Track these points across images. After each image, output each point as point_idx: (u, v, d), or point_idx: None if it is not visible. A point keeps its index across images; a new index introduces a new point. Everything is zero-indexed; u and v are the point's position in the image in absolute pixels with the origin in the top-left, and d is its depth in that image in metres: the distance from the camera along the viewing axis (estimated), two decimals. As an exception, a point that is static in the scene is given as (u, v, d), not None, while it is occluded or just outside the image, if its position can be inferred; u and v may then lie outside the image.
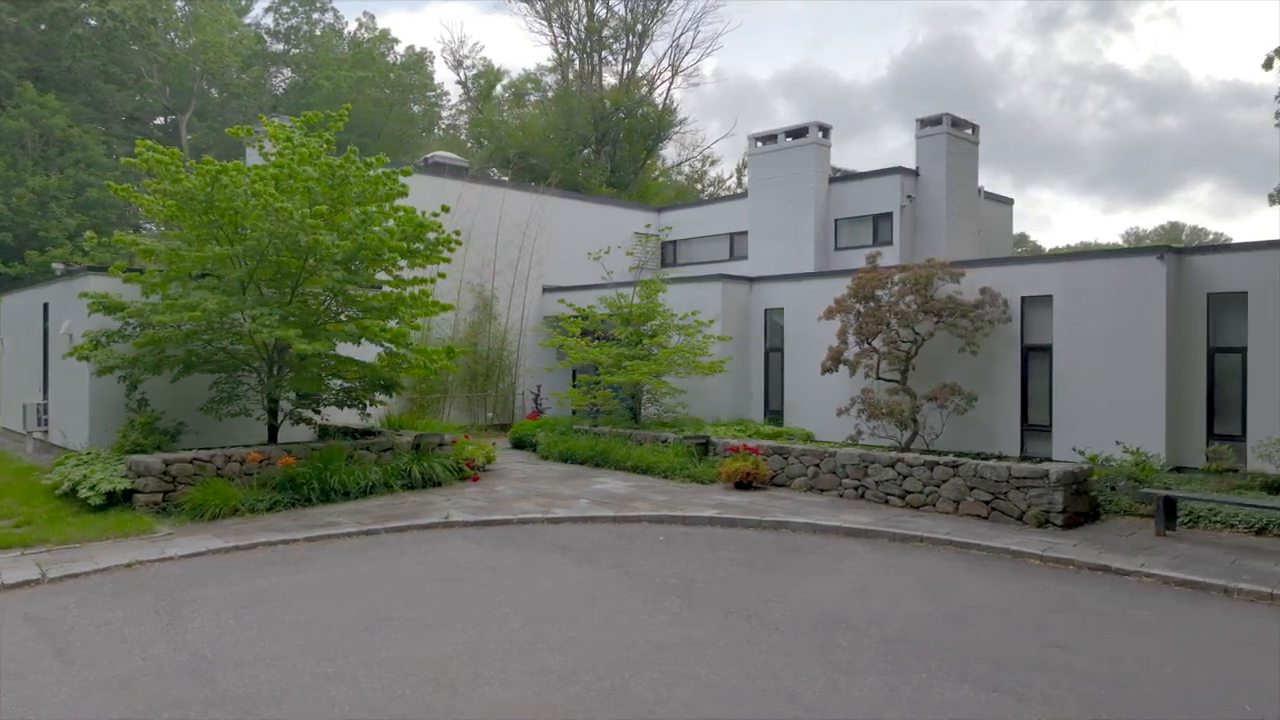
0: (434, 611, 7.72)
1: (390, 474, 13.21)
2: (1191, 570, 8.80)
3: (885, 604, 8.04)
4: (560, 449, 16.56)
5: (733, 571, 9.19)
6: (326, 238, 12.32)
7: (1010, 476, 11.21)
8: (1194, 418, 13.67)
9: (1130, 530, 10.77)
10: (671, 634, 7.20)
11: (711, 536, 10.77)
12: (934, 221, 20.70)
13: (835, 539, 10.65)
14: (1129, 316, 13.77)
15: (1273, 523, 10.36)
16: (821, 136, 22.04)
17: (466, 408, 21.43)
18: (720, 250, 24.65)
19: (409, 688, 6.00)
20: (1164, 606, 8.04)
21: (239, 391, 13.66)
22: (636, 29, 48.28)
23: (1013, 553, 9.76)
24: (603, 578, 8.92)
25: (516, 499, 12.65)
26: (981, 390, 15.28)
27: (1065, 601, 8.17)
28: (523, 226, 21.82)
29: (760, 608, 7.90)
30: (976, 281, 15.25)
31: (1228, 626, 7.47)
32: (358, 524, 10.89)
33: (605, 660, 6.54)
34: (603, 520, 11.42)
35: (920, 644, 6.96)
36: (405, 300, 13.72)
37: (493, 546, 10.17)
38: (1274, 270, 13.03)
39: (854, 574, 9.10)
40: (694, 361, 16.75)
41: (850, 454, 12.95)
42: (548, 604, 7.99)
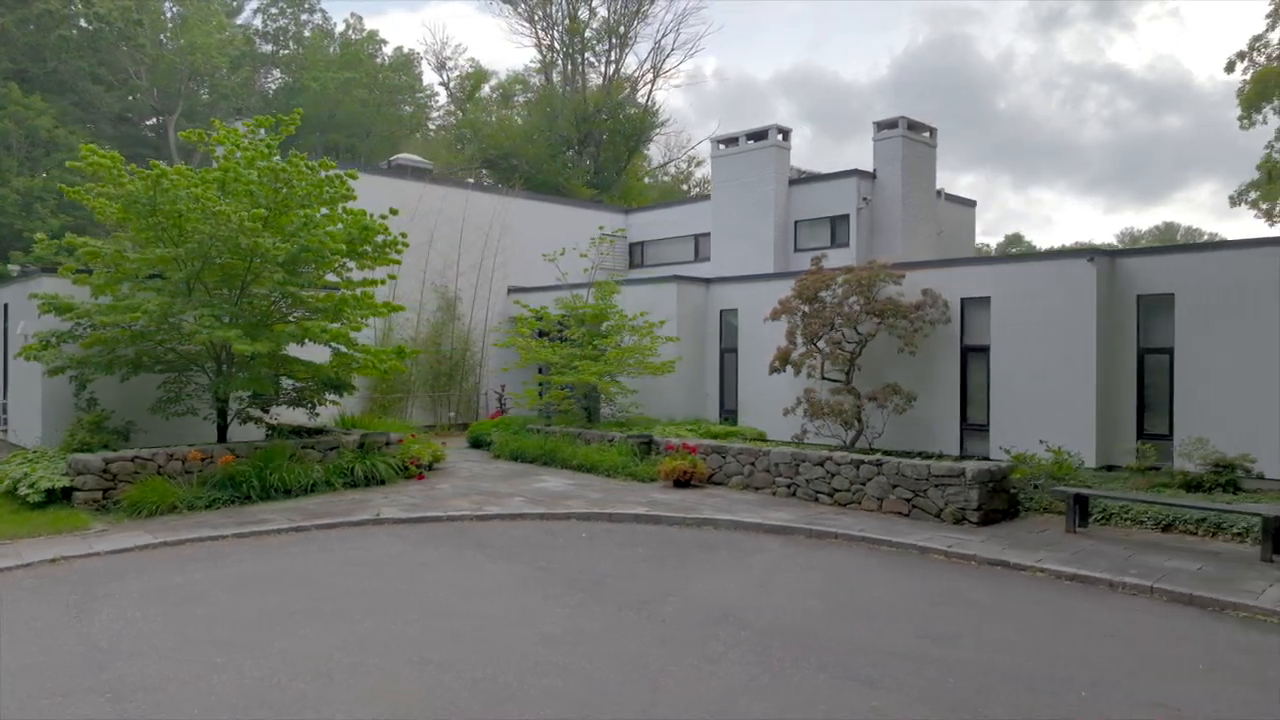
0: (339, 605, 7.96)
1: (332, 472, 13.45)
2: (1085, 565, 9.05)
3: (779, 598, 8.29)
4: (512, 448, 16.81)
5: (643, 567, 9.44)
6: (267, 240, 12.54)
7: (930, 475, 11.46)
8: (1125, 417, 13.93)
9: (1043, 527, 11.02)
10: (563, 627, 7.44)
11: (634, 533, 11.02)
12: (890, 223, 20.95)
13: (754, 535, 10.90)
14: (1062, 318, 14.02)
15: (1178, 519, 10.61)
16: (781, 139, 22.28)
17: (430, 407, 21.67)
18: (686, 251, 24.91)
19: (289, 677, 6.24)
20: (1048, 600, 8.29)
21: (186, 391, 13.90)
22: (619, 31, 48.53)
23: (920, 549, 10.01)
24: (515, 573, 9.16)
25: (454, 497, 12.88)
26: (923, 390, 15.54)
27: (954, 595, 8.42)
28: (486, 228, 22.07)
29: (657, 602, 8.14)
30: (919, 283, 15.50)
31: (1101, 618, 7.71)
32: (289, 521, 11.13)
33: (487, 652, 6.78)
34: (531, 518, 11.66)
35: (798, 636, 7.20)
36: (348, 301, 13.95)
37: (417, 543, 10.42)
38: (1198, 273, 13.28)
39: (760, 569, 9.35)
40: (644, 362, 17.00)
41: (783, 453, 13.20)
42: (453, 599, 8.23)
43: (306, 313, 14.47)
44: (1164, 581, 8.44)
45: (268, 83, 64.65)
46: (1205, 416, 13.06)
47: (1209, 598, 8.02)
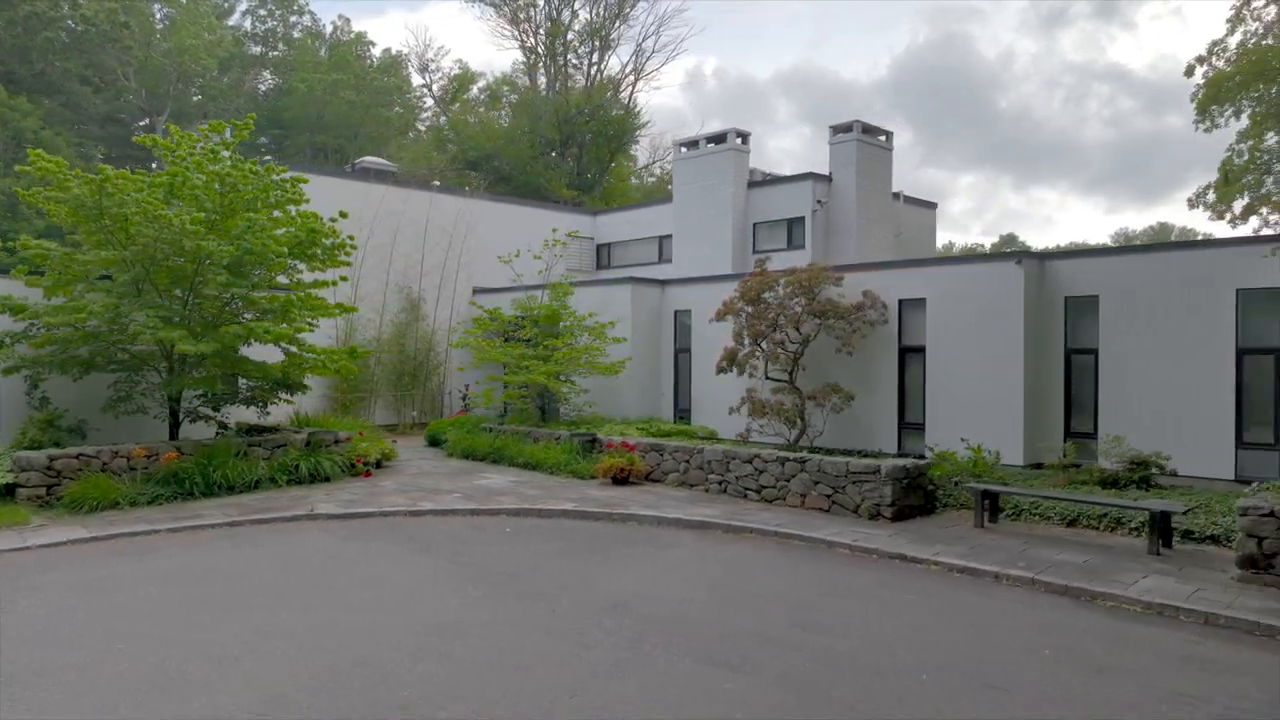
0: (252, 596, 8.29)
1: (277, 469, 13.78)
2: (977, 559, 9.40)
3: (674, 589, 8.63)
4: (464, 446, 17.14)
5: (556, 561, 9.77)
6: (211, 243, 12.87)
7: (848, 472, 11.81)
8: (1053, 416, 14.28)
9: (955, 523, 11.37)
10: (458, 616, 7.78)
11: (559, 529, 11.36)
12: (846, 225, 21.30)
13: (673, 530, 11.24)
14: (992, 319, 14.37)
15: (1083, 515, 10.96)
16: (740, 143, 22.62)
17: (394, 407, 22.00)
18: (650, 253, 25.25)
19: (183, 662, 6.57)
20: (932, 591, 8.63)
21: (137, 391, 14.23)
22: (602, 33, 48.85)
23: (827, 543, 10.36)
24: (431, 566, 9.50)
25: (394, 494, 13.22)
26: (863, 389, 15.88)
27: (843, 587, 8.76)
28: (449, 230, 22.39)
29: (557, 593, 8.48)
30: (860, 284, 15.85)
31: (975, 609, 8.06)
32: (225, 516, 11.46)
33: (378, 639, 7.11)
34: (463, 514, 12.00)
35: (677, 625, 7.54)
36: (294, 303, 14.27)
37: (345, 538, 10.76)
38: (1120, 275, 13.64)
39: (666, 563, 9.69)
40: (593, 362, 17.33)
41: (715, 450, 13.54)
42: (362, 590, 8.57)
43: (257, 314, 14.82)
44: (1046, 574, 8.79)
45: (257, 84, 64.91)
46: (1127, 416, 13.42)
47: (1083, 588, 8.37)
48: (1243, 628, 7.42)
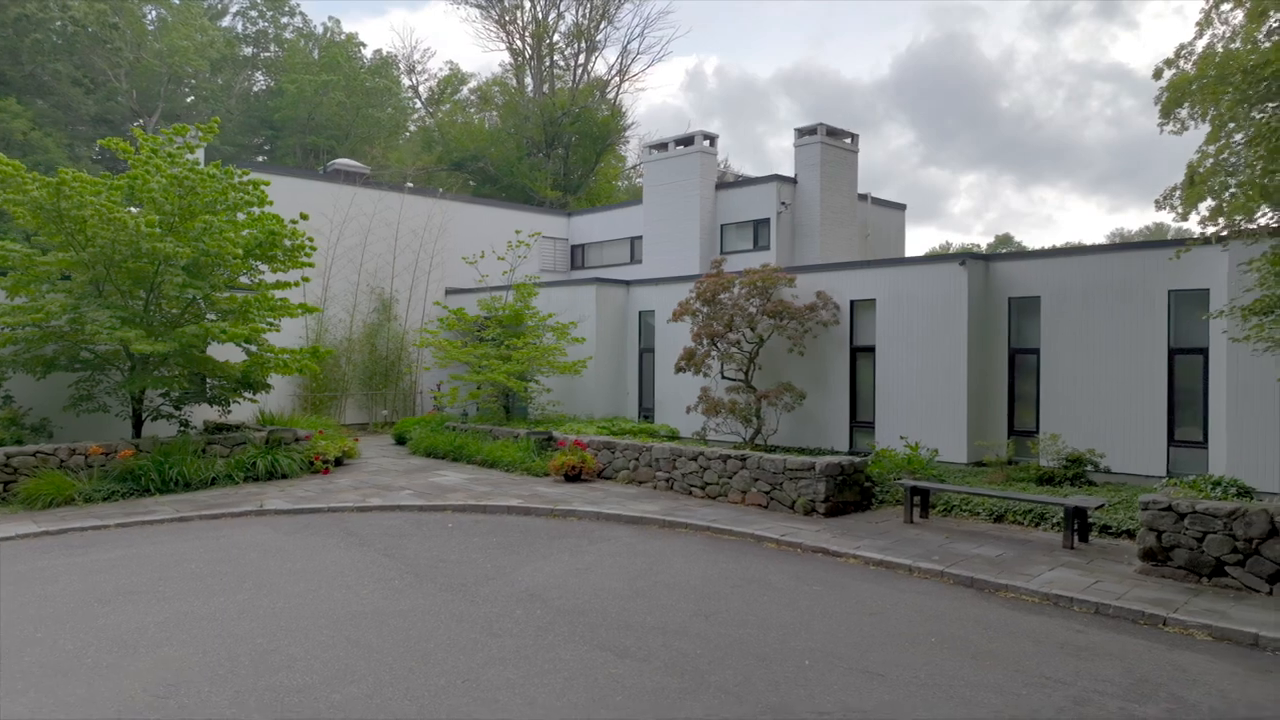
0: (180, 587, 8.55)
1: (234, 467, 14.06)
2: (895, 553, 9.66)
3: (592, 581, 8.90)
4: (426, 444, 17.41)
5: (488, 555, 10.04)
6: (169, 245, 13.14)
7: (785, 469, 12.07)
8: (997, 414, 14.54)
9: (886, 519, 11.64)
10: (377, 606, 8.05)
11: (500, 524, 11.63)
12: (811, 226, 21.56)
13: (610, 526, 11.51)
14: (938, 319, 14.64)
15: (1010, 510, 11.23)
16: (708, 145, 22.90)
17: (366, 405, 22.27)
18: (622, 254, 25.52)
19: (96, 648, 6.83)
20: (844, 584, 8.90)
21: (97, 390, 14.50)
22: (589, 35, 49.11)
23: (756, 538, 10.62)
24: (363, 560, 9.76)
25: (346, 490, 13.48)
26: (817, 388, 16.15)
27: (758, 579, 9.03)
28: (421, 231, 22.66)
29: (479, 585, 8.75)
30: (814, 286, 16.13)
31: (879, 599, 8.32)
32: (176, 512, 11.74)
33: (293, 627, 7.38)
34: (410, 510, 12.27)
35: (585, 614, 7.81)
36: (252, 303, 14.54)
37: (288, 532, 11.02)
38: (1060, 276, 13.90)
39: (593, 556, 9.96)
40: (553, 361, 17.59)
41: (663, 448, 13.81)
42: (290, 581, 8.83)
43: (220, 314, 15.11)
44: (956, 567, 9.06)
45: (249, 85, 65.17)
46: (1067, 414, 13.68)
47: (987, 580, 8.64)
48: (1129, 617, 7.68)
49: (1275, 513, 8.10)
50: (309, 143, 59.78)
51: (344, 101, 59.63)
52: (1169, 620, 7.49)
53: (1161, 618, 7.54)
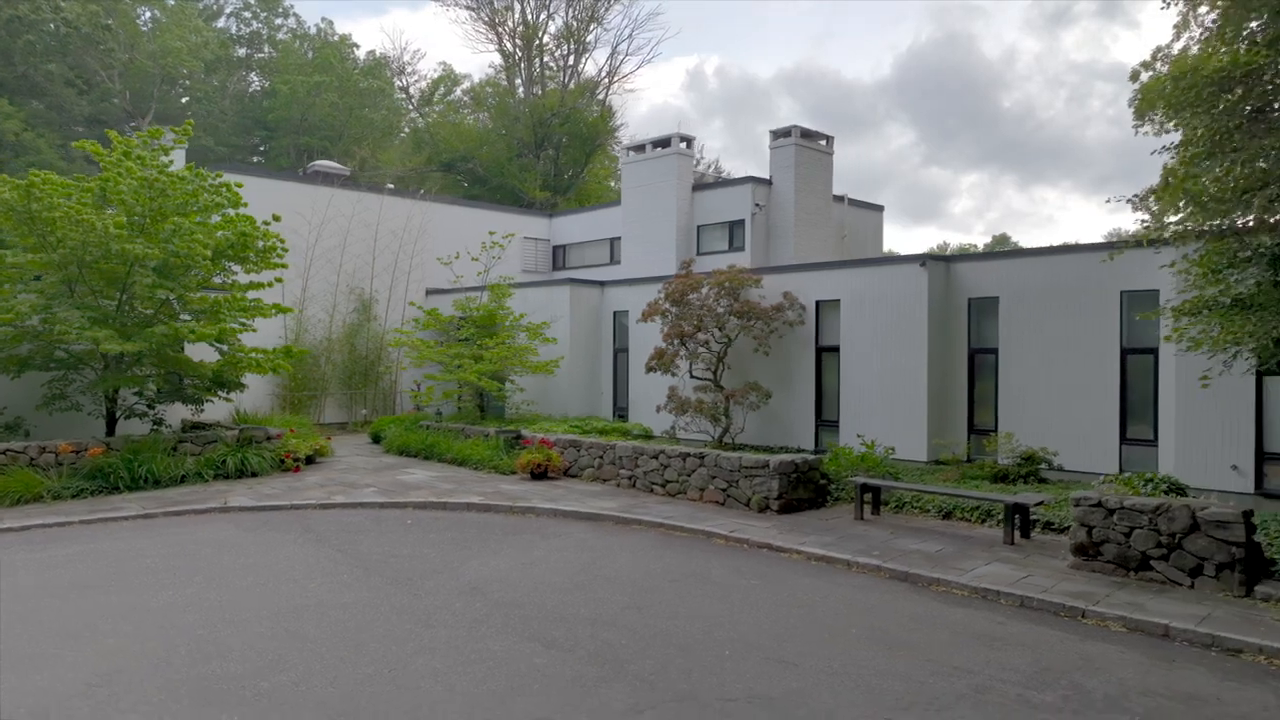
0: (133, 581, 8.76)
1: (204, 465, 14.26)
2: (838, 549, 9.87)
3: (538, 576, 9.10)
4: (400, 443, 17.62)
5: (440, 550, 10.24)
6: (139, 246, 13.35)
7: (741, 467, 12.28)
8: (958, 413, 14.74)
9: (838, 516, 11.84)
10: (321, 599, 8.25)
11: (458, 520, 11.84)
12: (785, 227, 21.76)
13: (565, 522, 11.72)
14: (899, 320, 14.83)
15: (958, 507, 11.43)
16: (685, 147, 23.11)
17: (346, 405, 22.47)
18: (602, 255, 25.73)
19: (41, 641, 7.03)
20: (782, 577, 9.10)
21: (70, 389, 14.70)
22: (578, 36, 49.33)
23: (706, 534, 10.83)
24: (317, 555, 9.97)
25: (313, 488, 13.69)
26: (784, 388, 16.35)
27: (698, 574, 9.23)
28: (400, 232, 22.86)
29: (426, 578, 8.95)
30: (781, 286, 16.33)
31: (812, 593, 8.52)
32: (141, 509, 11.94)
33: (235, 619, 7.58)
34: (371, 507, 12.48)
35: (524, 607, 8.01)
36: (222, 304, 14.75)
37: (248, 529, 11.23)
38: (1017, 277, 14.10)
39: (542, 552, 10.17)
40: (525, 361, 17.80)
41: (626, 446, 14.02)
42: (241, 575, 9.04)
43: (193, 315, 15.33)
44: (893, 562, 9.26)
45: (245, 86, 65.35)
46: (1024, 412, 13.88)
47: (921, 575, 8.84)
48: (1051, 610, 7.89)
49: (1197, 508, 8.30)
50: (302, 143, 59.97)
51: (337, 102, 59.82)
52: (1088, 613, 7.70)
53: (1081, 610, 7.74)
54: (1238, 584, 8.03)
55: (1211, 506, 8.29)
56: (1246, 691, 6.15)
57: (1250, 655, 6.81)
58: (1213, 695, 6.08)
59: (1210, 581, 8.19)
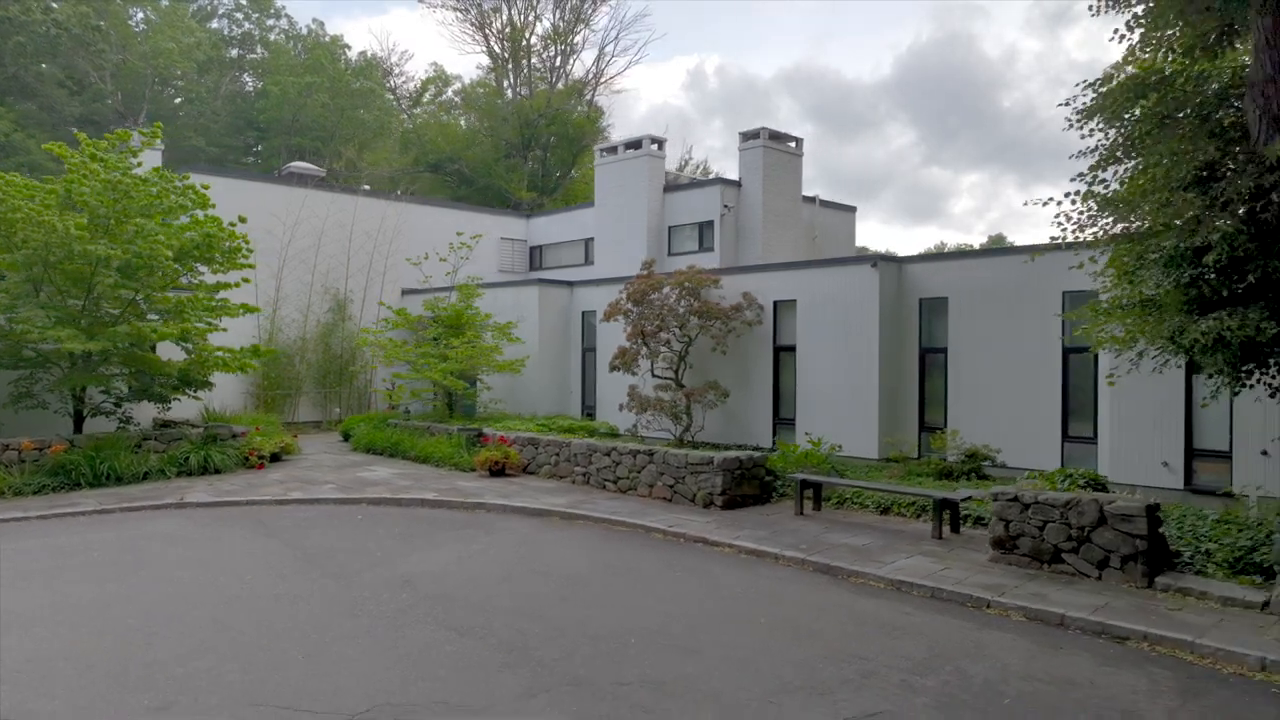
0: (76, 574, 9.01)
1: (168, 462, 14.51)
2: (769, 543, 10.12)
3: (472, 569, 9.36)
4: (367, 441, 17.88)
5: (384, 544, 10.49)
6: (102, 247, 13.60)
7: (687, 463, 12.54)
8: (909, 411, 15.00)
9: (779, 511, 12.10)
10: (256, 590, 8.50)
11: (408, 516, 12.09)
12: (754, 228, 22.02)
13: (512, 518, 11.98)
14: (852, 320, 15.09)
15: (896, 503, 11.69)
16: (656, 149, 23.36)
17: (321, 403, 22.72)
18: (578, 255, 25.98)
19: (-24, 628, 7.30)
20: (709, 570, 9.36)
21: (36, 388, 14.95)
22: (566, 38, 49.61)
23: (646, 528, 11.09)
24: (263, 548, 10.22)
25: (273, 484, 13.94)
26: (743, 386, 16.61)
27: (629, 567, 9.49)
28: (375, 233, 23.11)
29: (363, 571, 9.21)
30: (741, 287, 16.58)
31: (734, 585, 8.78)
32: (99, 504, 12.19)
33: (167, 609, 7.84)
34: (327, 503, 12.73)
35: (451, 599, 8.27)
36: (185, 303, 15.01)
37: (201, 524, 11.48)
38: (966, 278, 14.36)
39: (483, 545, 10.42)
40: (490, 360, 18.05)
41: (581, 444, 14.28)
42: (184, 568, 9.29)
43: (159, 314, 15.58)
44: (818, 555, 9.52)
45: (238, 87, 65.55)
46: (971, 411, 14.15)
47: (842, 568, 9.10)
48: (959, 600, 8.15)
49: (1104, 503, 8.56)
50: (294, 144, 60.17)
51: (328, 103, 60.04)
52: (992, 603, 7.96)
53: (986, 601, 8.00)
54: (1140, 575, 8.29)
55: (1118, 501, 8.55)
56: (1121, 676, 6.41)
57: (1135, 642, 7.07)
58: (1087, 679, 6.34)
59: (1116, 573, 8.45)
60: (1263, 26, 8.00)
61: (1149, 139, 8.93)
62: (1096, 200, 8.87)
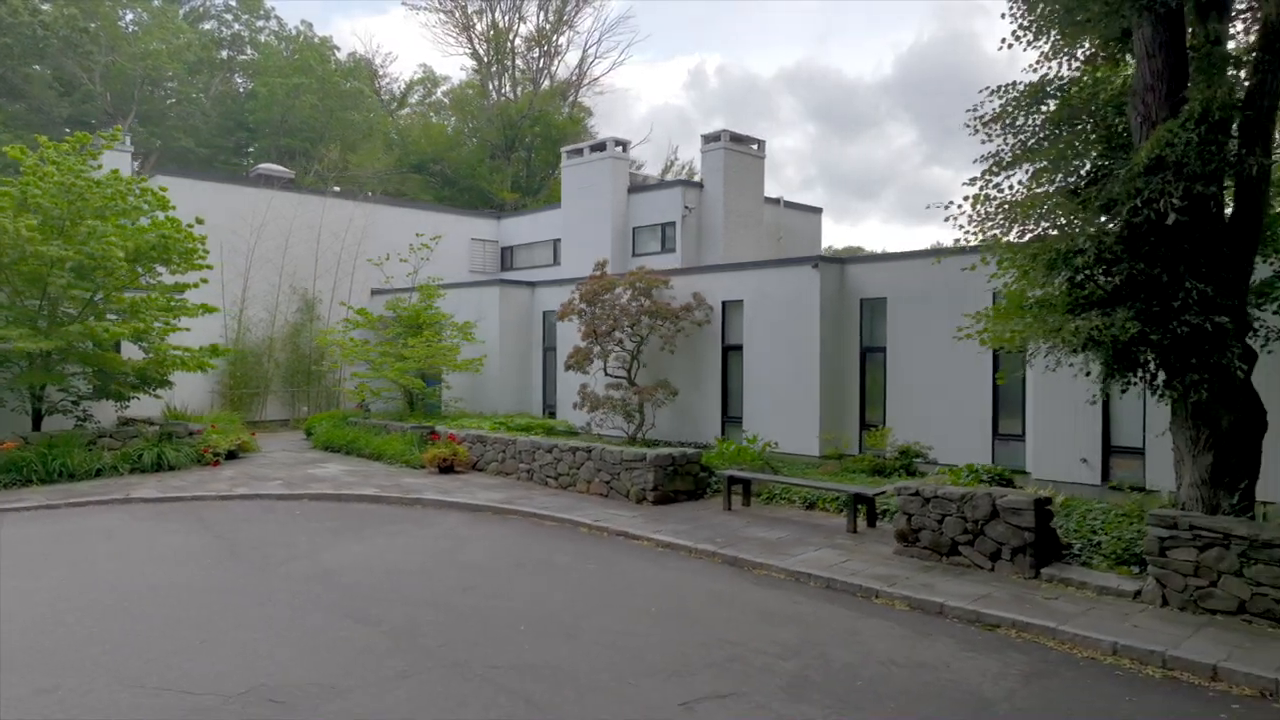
0: (3, 566, 9.29)
1: (121, 459, 14.79)
2: (686, 537, 10.39)
3: (392, 561, 9.63)
4: (326, 439, 18.16)
5: (313, 537, 10.77)
6: (53, 249, 13.88)
7: (622, 460, 12.82)
8: (850, 409, 15.28)
9: (710, 506, 12.38)
10: (176, 581, 8.78)
11: (346, 510, 12.37)
12: (715, 230, 22.31)
13: (447, 512, 12.27)
14: (795, 319, 15.37)
15: (822, 498, 11.97)
16: (620, 151, 23.65)
17: (290, 402, 23.01)
18: (547, 256, 26.27)
19: (-106, 616, 7.58)
20: (619, 562, 9.64)
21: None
22: (550, 39, 49.92)
23: (573, 523, 11.37)
24: (194, 542, 10.49)
25: (224, 481, 14.21)
26: (694, 385, 16.90)
27: (543, 559, 9.77)
28: (343, 234, 23.39)
29: (285, 563, 9.49)
30: (692, 287, 16.86)
31: (641, 575, 9.06)
32: (46, 500, 12.47)
33: (84, 599, 8.11)
34: (269, 498, 13.01)
35: (359, 588, 8.55)
36: (140, 303, 15.30)
37: (141, 519, 11.77)
38: (903, 278, 14.64)
39: (409, 539, 10.70)
40: (449, 359, 18.33)
41: (526, 441, 14.56)
42: (112, 560, 9.57)
43: (117, 314, 15.87)
44: (729, 548, 9.80)
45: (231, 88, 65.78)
46: (908, 409, 14.42)
47: (748, 559, 9.38)
48: (850, 591, 8.43)
49: (997, 497, 8.84)
50: (283, 145, 60.39)
51: (317, 104, 60.29)
52: (881, 593, 8.24)
53: (876, 591, 8.28)
54: (1029, 566, 8.57)
55: (1009, 495, 8.83)
56: (977, 660, 6.69)
57: (1004, 629, 7.35)
58: (944, 663, 6.62)
59: (1007, 565, 8.73)
60: (1143, 38, 8.29)
61: (1045, 145, 9.22)
62: (990, 204, 9.13)
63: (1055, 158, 8.46)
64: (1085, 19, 8.23)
